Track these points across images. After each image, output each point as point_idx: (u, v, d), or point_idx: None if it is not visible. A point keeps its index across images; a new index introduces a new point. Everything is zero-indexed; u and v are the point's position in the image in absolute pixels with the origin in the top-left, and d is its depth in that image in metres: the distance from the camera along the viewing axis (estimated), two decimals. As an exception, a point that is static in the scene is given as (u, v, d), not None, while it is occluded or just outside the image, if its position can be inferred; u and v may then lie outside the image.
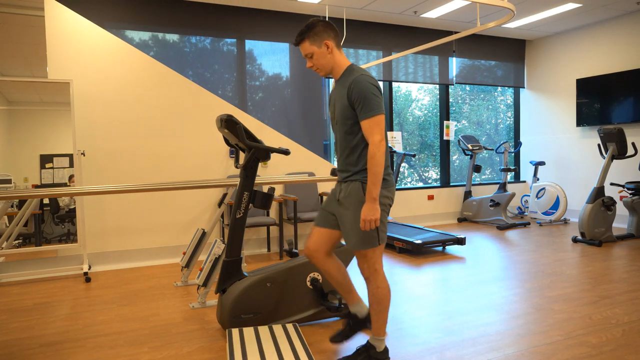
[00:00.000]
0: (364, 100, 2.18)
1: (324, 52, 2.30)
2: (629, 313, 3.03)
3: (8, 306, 3.44)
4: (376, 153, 2.17)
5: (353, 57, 6.27)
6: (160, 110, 4.77)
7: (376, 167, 2.17)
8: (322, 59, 2.32)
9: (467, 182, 6.94)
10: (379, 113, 2.19)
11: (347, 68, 2.33)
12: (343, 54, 2.37)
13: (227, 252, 2.78)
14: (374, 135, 2.18)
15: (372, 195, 2.18)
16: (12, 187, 4.22)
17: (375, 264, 2.32)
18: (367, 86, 2.19)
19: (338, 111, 2.31)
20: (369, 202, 2.19)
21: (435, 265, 4.42)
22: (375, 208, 2.18)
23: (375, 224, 2.20)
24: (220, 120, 2.73)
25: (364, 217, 2.19)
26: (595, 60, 6.63)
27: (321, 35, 2.29)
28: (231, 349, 2.44)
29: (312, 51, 2.31)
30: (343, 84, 2.29)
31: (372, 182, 2.18)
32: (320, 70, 2.36)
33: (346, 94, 2.24)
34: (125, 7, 5.09)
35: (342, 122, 2.30)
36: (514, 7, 4.06)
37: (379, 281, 2.32)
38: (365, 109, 2.18)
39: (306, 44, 2.31)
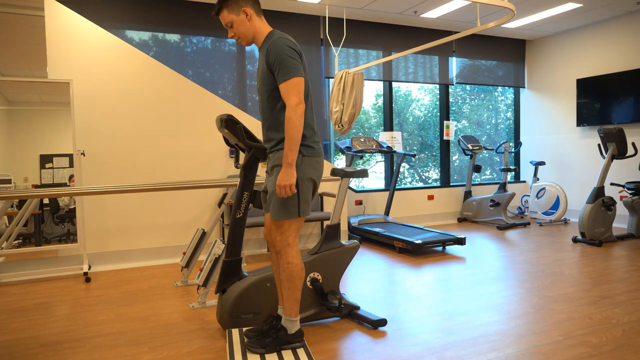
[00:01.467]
0: (280, 64, 2.12)
1: (243, 19, 2.24)
2: (629, 313, 3.03)
3: (8, 306, 3.44)
4: (292, 116, 2.10)
5: (353, 57, 6.27)
6: (160, 110, 4.77)
7: (292, 130, 2.10)
8: (242, 27, 2.25)
9: (467, 182, 6.94)
10: (296, 75, 2.12)
11: (269, 34, 2.26)
12: (264, 21, 2.30)
13: (227, 252, 2.78)
14: (290, 97, 2.11)
15: (287, 160, 2.11)
16: (12, 187, 4.22)
17: (289, 237, 2.24)
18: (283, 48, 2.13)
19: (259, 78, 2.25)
20: (284, 167, 2.11)
21: (435, 265, 4.42)
22: (291, 173, 2.11)
23: (291, 190, 2.12)
24: (220, 120, 2.73)
25: (279, 182, 2.11)
26: (595, 60, 6.63)
27: (239, 3, 2.23)
28: (231, 349, 2.44)
29: (231, 20, 2.25)
30: (263, 49, 2.22)
31: (289, 147, 2.10)
32: (242, 39, 2.29)
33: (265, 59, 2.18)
34: (125, 7, 5.09)
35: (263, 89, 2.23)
36: (514, 7, 4.05)
37: (290, 256, 2.24)
38: (282, 72, 2.12)
39: (224, 13, 2.25)
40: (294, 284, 2.27)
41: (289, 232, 2.24)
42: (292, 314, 2.32)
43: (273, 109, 2.24)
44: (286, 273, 2.26)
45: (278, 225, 2.25)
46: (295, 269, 2.25)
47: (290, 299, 2.29)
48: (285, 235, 2.24)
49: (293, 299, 2.30)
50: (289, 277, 2.26)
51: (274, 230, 2.28)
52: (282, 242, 2.25)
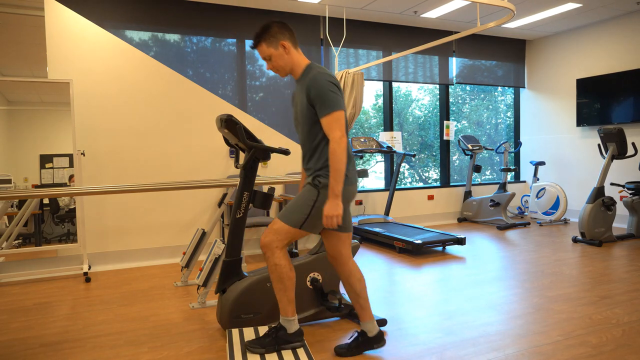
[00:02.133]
0: (322, 98, 2.17)
1: (282, 53, 2.30)
2: (629, 313, 3.03)
3: (8, 306, 3.44)
4: (336, 149, 2.15)
5: (353, 57, 6.27)
6: (160, 110, 4.77)
7: (337, 163, 2.15)
8: (280, 60, 2.31)
9: (467, 182, 6.94)
10: (338, 109, 2.17)
11: (306, 67, 2.32)
12: (301, 53, 2.36)
13: (227, 252, 2.78)
14: (334, 131, 2.17)
15: (334, 192, 2.16)
16: (12, 187, 4.22)
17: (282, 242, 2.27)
18: (324, 84, 2.18)
19: (299, 111, 2.30)
20: (331, 199, 2.16)
21: (435, 265, 4.42)
22: (338, 204, 2.17)
23: (338, 221, 2.17)
24: (220, 120, 2.73)
25: (326, 213, 2.17)
26: (595, 60, 6.63)
27: (277, 37, 2.29)
28: (231, 349, 2.44)
29: (269, 53, 2.31)
30: (302, 83, 2.28)
31: (334, 179, 2.16)
32: (280, 72, 2.35)
33: (305, 93, 2.23)
34: (125, 7, 5.09)
35: (303, 121, 2.29)
36: (514, 7, 4.06)
37: (276, 258, 2.27)
38: (324, 106, 2.17)
39: (263, 47, 2.31)
40: (284, 284, 2.30)
41: (282, 236, 2.28)
42: (288, 313, 2.34)
43: (314, 141, 2.29)
44: (275, 275, 2.30)
45: (275, 228, 2.28)
46: (283, 270, 2.29)
47: (283, 299, 2.33)
48: (275, 237, 2.28)
49: (286, 299, 2.33)
50: (278, 279, 2.30)
51: (270, 229, 2.30)
52: (269, 243, 2.28)
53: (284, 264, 2.29)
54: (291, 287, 2.32)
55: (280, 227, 2.28)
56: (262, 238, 2.31)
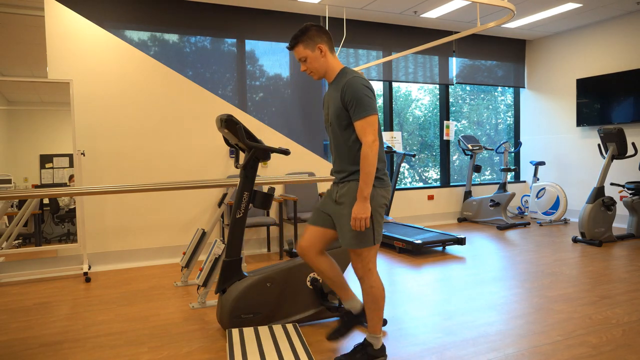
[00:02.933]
0: (356, 102, 2.22)
1: (318, 55, 2.34)
2: (629, 313, 3.03)
3: (8, 306, 3.44)
4: (369, 153, 2.20)
5: (353, 57, 6.27)
6: (160, 110, 4.77)
7: (369, 166, 2.20)
8: (316, 63, 2.35)
9: (467, 182, 6.94)
10: (372, 114, 2.22)
11: (340, 71, 2.37)
12: (336, 57, 2.41)
13: (227, 252, 2.78)
14: (367, 135, 2.21)
15: (363, 194, 2.21)
16: (12, 187, 4.22)
17: (369, 264, 2.34)
18: (359, 87, 2.22)
19: (332, 113, 2.35)
20: (359, 201, 2.21)
21: (435, 265, 4.42)
22: (366, 207, 2.21)
23: (366, 223, 2.22)
24: (220, 120, 2.73)
25: (355, 215, 2.22)
26: (595, 60, 6.63)
27: (315, 40, 2.33)
28: (231, 349, 2.44)
29: (305, 55, 2.35)
30: (336, 86, 2.32)
31: (364, 182, 2.21)
32: (314, 74, 2.40)
33: (339, 96, 2.28)
34: (125, 7, 5.09)
35: (336, 123, 2.33)
36: (514, 7, 4.05)
37: (372, 280, 2.34)
38: (358, 110, 2.22)
39: (300, 48, 2.35)
40: (377, 305, 2.37)
41: (368, 258, 2.34)
42: (377, 331, 2.41)
43: (346, 143, 2.33)
44: (370, 297, 2.36)
45: (357, 254, 2.34)
46: (378, 292, 2.35)
47: (374, 318, 2.39)
48: (365, 262, 2.34)
49: (377, 317, 2.39)
50: (373, 300, 2.36)
51: (354, 258, 2.37)
52: (364, 269, 2.34)
53: (378, 285, 2.36)
54: (383, 307, 2.39)
55: (360, 252, 2.33)
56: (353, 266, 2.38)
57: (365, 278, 2.35)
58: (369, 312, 2.38)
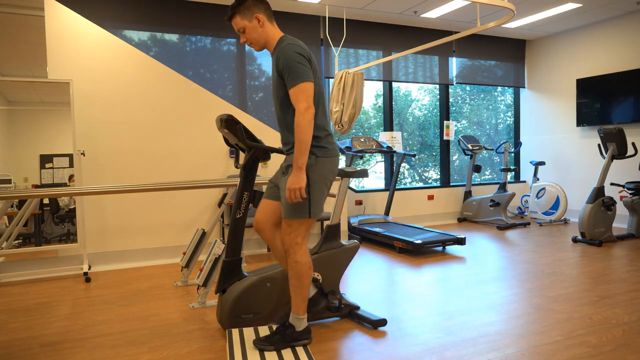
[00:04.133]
0: (289, 69, 2.16)
1: (256, 25, 2.28)
2: (629, 313, 3.03)
3: (8, 306, 3.44)
4: (301, 121, 2.12)
5: (353, 57, 6.27)
6: (160, 110, 4.77)
7: (301, 134, 2.12)
8: (254, 33, 2.30)
9: (467, 182, 6.94)
10: (304, 80, 2.15)
11: (279, 39, 2.30)
12: (276, 26, 2.33)
13: (227, 252, 2.78)
14: (299, 102, 2.14)
15: (297, 164, 2.14)
16: (12, 187, 4.22)
17: (298, 237, 2.26)
18: (291, 55, 2.16)
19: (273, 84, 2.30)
20: (294, 171, 2.14)
21: (435, 265, 4.42)
22: (301, 177, 2.14)
23: (301, 194, 2.14)
24: (220, 120, 2.73)
25: (288, 185, 2.15)
26: (595, 60, 6.63)
27: (251, 9, 2.27)
28: (231, 349, 2.44)
29: (243, 25, 2.29)
30: (274, 56, 2.27)
31: (298, 151, 2.13)
32: (254, 45, 2.33)
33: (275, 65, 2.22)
34: (125, 7, 5.09)
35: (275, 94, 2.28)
36: (514, 7, 4.05)
37: (298, 255, 2.27)
38: (291, 77, 2.15)
39: (237, 19, 2.29)
40: (301, 282, 2.29)
41: (298, 231, 2.27)
42: (300, 311, 2.34)
43: (286, 113, 2.27)
44: (294, 271, 2.28)
45: (288, 224, 2.27)
46: (303, 268, 2.28)
47: (297, 297, 2.31)
48: (294, 234, 2.27)
49: (301, 297, 2.32)
50: (296, 276, 2.29)
51: (284, 228, 2.30)
52: (291, 241, 2.27)
53: (304, 261, 2.28)
54: (308, 285, 2.31)
55: (291, 223, 2.26)
56: (282, 237, 2.31)
57: (291, 251, 2.27)
58: (293, 289, 2.29)
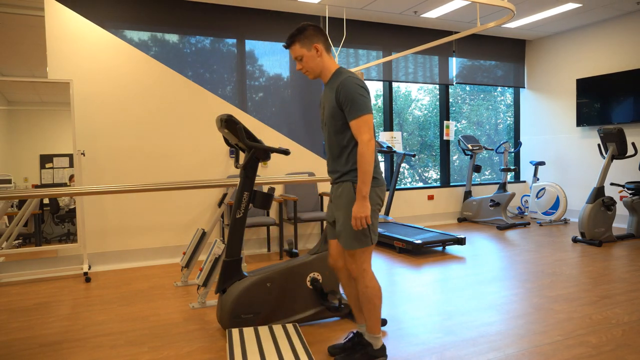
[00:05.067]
0: (351, 101, 2.22)
1: (314, 55, 2.35)
2: (629, 313, 3.03)
3: (8, 306, 3.44)
4: (365, 152, 2.20)
5: (353, 57, 6.27)
6: (160, 110, 4.77)
7: (366, 165, 2.20)
8: (312, 62, 2.36)
9: (467, 182, 6.94)
10: (367, 113, 2.22)
11: (336, 71, 2.37)
12: (332, 57, 2.42)
13: (227, 252, 2.78)
14: (362, 134, 2.21)
15: (362, 193, 2.21)
16: (12, 187, 4.22)
17: (364, 264, 2.33)
18: (354, 87, 2.23)
19: (327, 113, 2.35)
20: (359, 200, 2.21)
21: (435, 265, 4.42)
22: (366, 205, 2.21)
23: (367, 221, 2.22)
24: (220, 120, 2.73)
25: (354, 214, 2.21)
26: (595, 60, 6.63)
27: (311, 39, 2.34)
28: (231, 349, 2.44)
29: (302, 54, 2.36)
30: (331, 86, 2.33)
31: (362, 181, 2.21)
32: (310, 73, 2.40)
33: (334, 96, 2.28)
34: (125, 7, 5.09)
35: (330, 123, 2.33)
36: (514, 7, 4.05)
37: (367, 280, 2.34)
38: (353, 109, 2.22)
39: (296, 47, 2.36)
40: (374, 304, 2.36)
41: (362, 259, 2.34)
42: (376, 331, 2.40)
43: (341, 143, 2.33)
44: (366, 296, 2.36)
45: (351, 254, 2.34)
46: (373, 292, 2.35)
47: (372, 318, 2.38)
48: (359, 262, 2.34)
49: (375, 317, 2.39)
50: (368, 300, 2.36)
51: (348, 258, 2.37)
52: (358, 269, 2.34)
53: (373, 285, 2.35)
54: (380, 306, 2.38)
55: (354, 253, 2.33)
56: (348, 267, 2.38)
57: (360, 278, 2.34)
58: (366, 312, 2.37)
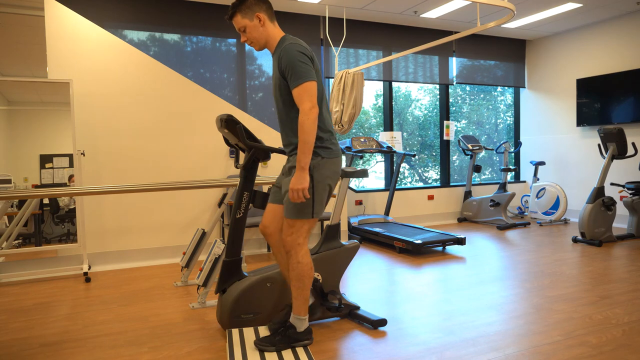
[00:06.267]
0: (292, 69, 2.14)
1: (257, 24, 2.28)
2: (629, 313, 3.03)
3: (8, 306, 3.44)
4: (305, 121, 2.11)
5: (353, 57, 6.27)
6: (160, 110, 4.77)
7: (305, 135, 2.11)
8: (255, 32, 2.29)
9: (467, 182, 6.94)
10: (307, 80, 2.14)
11: (280, 39, 2.29)
12: (277, 26, 2.32)
13: (227, 252, 2.78)
14: (303, 102, 2.13)
15: (300, 164, 2.12)
16: (12, 187, 4.22)
17: (300, 237, 2.25)
18: (294, 54, 2.15)
19: (274, 84, 2.28)
20: (297, 171, 2.13)
21: (435, 265, 4.42)
22: (304, 177, 2.13)
23: (304, 194, 2.14)
24: (220, 120, 2.73)
25: (291, 186, 2.14)
26: (595, 60, 6.63)
27: (253, 8, 2.27)
28: (231, 349, 2.44)
29: (244, 24, 2.28)
30: (276, 55, 2.26)
31: (302, 151, 2.12)
32: (255, 44, 2.32)
33: (277, 65, 2.21)
34: (125, 7, 5.09)
35: (277, 94, 2.27)
36: (514, 7, 4.05)
37: (300, 256, 2.26)
38: (294, 77, 2.14)
39: (238, 18, 2.29)
40: (303, 283, 2.29)
41: (300, 232, 2.26)
42: (301, 312, 2.33)
43: (289, 114, 2.26)
44: (295, 272, 2.28)
45: (290, 224, 2.26)
46: (304, 269, 2.27)
47: (299, 297, 2.31)
48: (296, 235, 2.26)
49: (302, 297, 2.31)
50: (298, 277, 2.28)
51: (286, 228, 2.29)
52: (293, 242, 2.27)
53: (305, 261, 2.28)
54: (309, 286, 2.31)
55: (293, 223, 2.25)
56: (284, 238, 2.30)
57: (293, 252, 2.26)
58: (294, 289, 2.29)
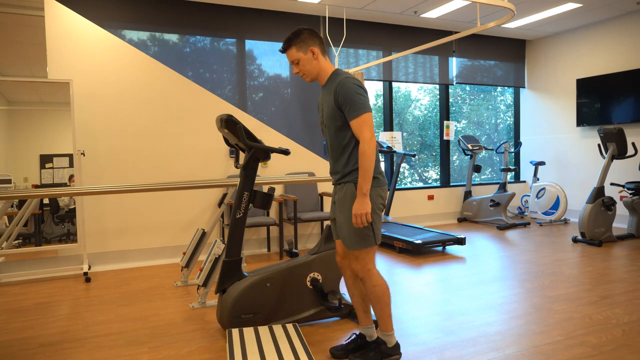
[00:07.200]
0: (350, 101, 2.24)
1: (310, 58, 2.37)
2: (629, 313, 3.03)
3: (8, 306, 3.44)
4: (367, 149, 2.22)
5: (353, 57, 6.27)
6: (160, 110, 4.77)
7: (367, 162, 2.22)
8: (308, 65, 2.38)
9: (467, 182, 6.94)
10: (366, 111, 2.25)
11: (333, 73, 2.40)
12: (328, 60, 2.44)
13: (227, 252, 2.78)
14: (363, 132, 2.23)
15: (362, 191, 2.22)
16: (12, 187, 4.22)
17: (369, 264, 2.34)
18: (352, 87, 2.25)
19: (326, 115, 2.37)
20: (359, 197, 2.22)
21: (435, 265, 4.42)
22: (366, 202, 2.22)
23: (367, 219, 2.22)
24: (220, 120, 2.73)
25: (355, 211, 2.22)
26: (595, 60, 6.63)
27: (307, 42, 2.36)
28: (231, 349, 2.44)
29: (298, 57, 2.38)
30: (329, 88, 2.35)
31: (363, 178, 2.22)
32: (307, 76, 2.43)
33: (333, 98, 2.30)
34: (125, 7, 5.09)
35: (330, 124, 2.35)
36: (514, 7, 4.06)
37: (374, 280, 2.35)
38: (353, 108, 2.24)
39: (292, 51, 2.38)
40: (383, 302, 2.37)
41: (367, 259, 2.34)
42: (388, 328, 2.41)
43: (341, 143, 2.35)
44: (374, 295, 2.36)
45: (355, 255, 2.34)
46: (381, 289, 2.35)
47: (383, 316, 2.39)
48: (364, 263, 2.34)
49: (386, 315, 2.39)
50: (377, 298, 2.36)
51: (353, 260, 2.37)
52: (363, 269, 2.35)
53: (380, 283, 2.35)
54: (389, 304, 2.38)
55: (359, 253, 2.33)
56: (353, 267, 2.38)
57: (366, 279, 2.35)
58: (377, 311, 2.38)
